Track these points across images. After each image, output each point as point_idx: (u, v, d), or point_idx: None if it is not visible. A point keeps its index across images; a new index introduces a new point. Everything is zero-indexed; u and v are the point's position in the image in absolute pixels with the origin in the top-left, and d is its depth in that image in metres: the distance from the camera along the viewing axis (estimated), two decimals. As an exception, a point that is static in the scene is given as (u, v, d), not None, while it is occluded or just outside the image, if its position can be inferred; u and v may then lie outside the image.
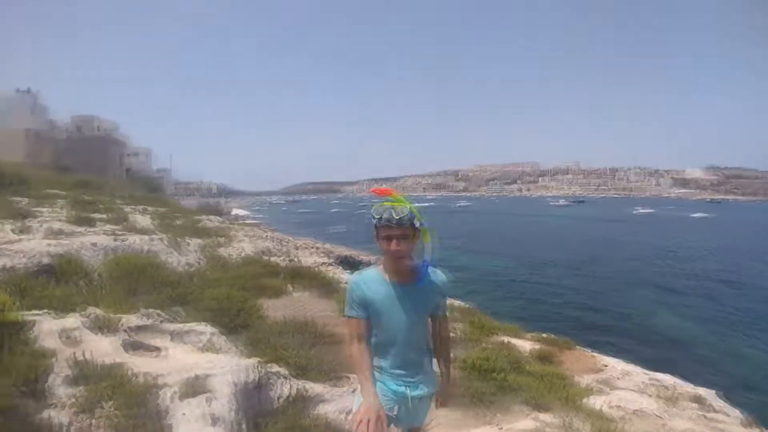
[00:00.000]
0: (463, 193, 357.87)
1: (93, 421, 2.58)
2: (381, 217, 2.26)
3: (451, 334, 8.86)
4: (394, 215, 2.22)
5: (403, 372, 2.46)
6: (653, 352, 17.27)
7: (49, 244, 6.63)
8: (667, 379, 8.19)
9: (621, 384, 7.91)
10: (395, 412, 2.45)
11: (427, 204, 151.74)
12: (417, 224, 2.31)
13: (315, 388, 4.09)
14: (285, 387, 3.82)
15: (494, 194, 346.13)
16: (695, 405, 7.09)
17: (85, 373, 2.77)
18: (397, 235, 2.25)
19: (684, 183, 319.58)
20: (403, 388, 2.44)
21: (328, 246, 36.70)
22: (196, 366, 3.22)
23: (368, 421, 2.10)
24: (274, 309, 8.01)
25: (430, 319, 2.58)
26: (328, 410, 3.90)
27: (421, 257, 2.44)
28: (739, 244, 52.75)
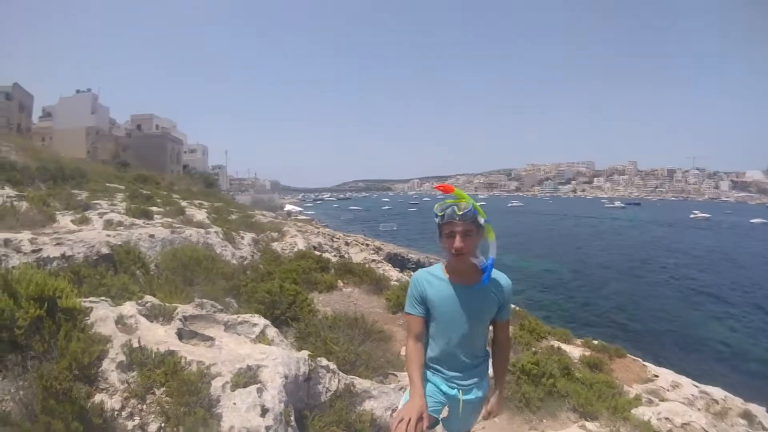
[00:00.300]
0: (516, 193, 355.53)
1: (144, 406, 2.59)
2: (444, 214, 2.22)
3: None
4: (456, 211, 2.18)
5: (457, 374, 2.40)
6: (704, 362, 16.88)
7: (108, 235, 6.83)
8: (716, 392, 7.98)
9: (670, 395, 7.78)
10: (443, 415, 2.41)
11: (478, 204, 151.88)
12: (481, 221, 2.27)
13: (362, 383, 4.06)
14: (333, 381, 3.79)
15: (547, 194, 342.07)
16: (744, 421, 6.93)
17: (138, 360, 2.79)
18: (459, 231, 2.20)
19: (743, 186, 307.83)
20: (455, 391, 2.39)
21: (377, 243, 36.92)
22: (248, 357, 3.21)
23: (409, 420, 2.03)
24: (325, 303, 8.07)
25: (492, 324, 2.50)
26: (374, 406, 3.86)
27: (485, 255, 2.35)
28: None
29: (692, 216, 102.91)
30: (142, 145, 51.77)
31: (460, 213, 2.17)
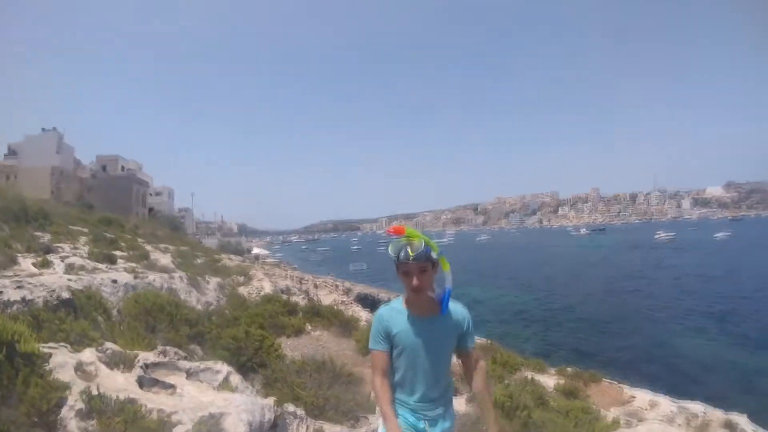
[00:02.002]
0: (483, 227, 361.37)
1: (104, 456, 2.53)
2: (398, 256, 2.30)
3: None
4: (410, 252, 2.27)
5: (423, 405, 2.43)
6: (681, 379, 17.02)
7: (69, 279, 6.69)
8: (696, 406, 8.06)
9: (649, 415, 7.83)
10: None
11: (446, 240, 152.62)
12: (434, 256, 2.34)
13: (332, 428, 4.02)
14: (301, 427, 3.75)
15: (514, 227, 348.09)
16: (726, 431, 6.99)
17: (98, 407, 2.73)
18: (415, 270, 2.30)
19: (704, 202, 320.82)
20: (422, 424, 2.41)
21: (347, 284, 36.68)
22: (211, 404, 3.17)
23: None
24: (293, 348, 7.96)
25: (460, 356, 2.57)
26: (345, 451, 3.81)
27: (441, 286, 2.44)
28: (761, 262, 52.06)
29: (656, 237, 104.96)
30: (107, 187, 51.20)
31: (413, 255, 2.26)
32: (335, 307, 12.85)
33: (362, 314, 14.61)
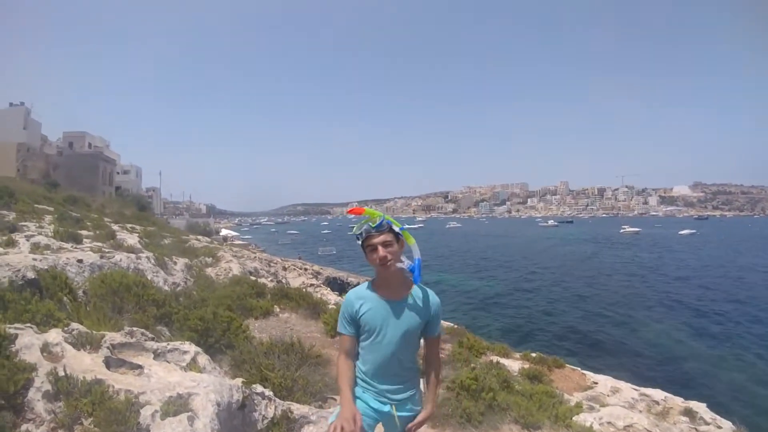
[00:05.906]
0: (453, 215, 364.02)
1: (72, 437, 2.54)
2: (361, 232, 2.33)
3: (441, 355, 8.88)
4: (371, 224, 2.31)
5: (388, 388, 2.44)
6: (642, 368, 17.43)
7: (34, 259, 6.58)
8: (656, 393, 8.24)
9: (611, 401, 7.97)
10: (375, 431, 2.45)
11: (417, 226, 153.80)
12: (397, 230, 2.38)
13: (300, 409, 4.05)
14: (269, 408, 3.78)
15: (483, 215, 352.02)
16: (686, 418, 7.20)
17: (65, 389, 2.73)
18: (380, 242, 2.31)
19: (671, 201, 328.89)
20: (387, 407, 2.42)
21: (316, 267, 36.66)
22: (178, 384, 3.16)
23: (341, 428, 2.05)
24: (261, 329, 7.99)
25: (425, 341, 2.59)
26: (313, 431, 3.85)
27: (410, 257, 2.49)
28: (725, 259, 53.73)
29: (622, 231, 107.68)
30: (74, 165, 50.05)
31: (375, 225, 2.30)
32: (304, 289, 12.84)
33: (331, 297, 14.66)
